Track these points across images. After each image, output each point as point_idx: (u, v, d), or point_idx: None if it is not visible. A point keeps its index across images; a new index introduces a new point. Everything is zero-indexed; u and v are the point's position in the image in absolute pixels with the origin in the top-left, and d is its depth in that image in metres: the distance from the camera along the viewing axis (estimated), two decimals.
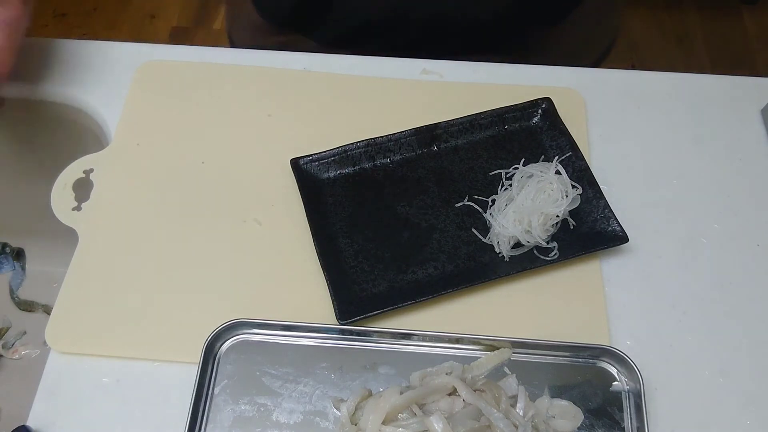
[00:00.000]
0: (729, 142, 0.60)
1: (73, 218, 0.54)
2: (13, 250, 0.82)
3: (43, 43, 0.65)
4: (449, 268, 0.51)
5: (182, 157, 0.57)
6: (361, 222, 0.54)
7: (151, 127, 0.59)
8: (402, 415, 0.43)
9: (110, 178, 0.56)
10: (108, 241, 0.53)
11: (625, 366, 0.47)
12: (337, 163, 0.56)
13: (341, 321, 0.48)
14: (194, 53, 0.64)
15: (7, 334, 0.77)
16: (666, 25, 1.99)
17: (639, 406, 0.45)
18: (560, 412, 0.46)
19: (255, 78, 0.62)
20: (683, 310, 0.51)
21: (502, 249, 0.51)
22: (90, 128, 0.63)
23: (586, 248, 0.52)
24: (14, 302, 0.79)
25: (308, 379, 0.47)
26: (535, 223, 0.50)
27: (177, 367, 0.48)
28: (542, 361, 0.48)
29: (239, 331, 0.48)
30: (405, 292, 0.50)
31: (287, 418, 0.46)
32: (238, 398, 0.46)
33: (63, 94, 0.62)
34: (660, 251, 0.54)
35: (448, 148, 0.57)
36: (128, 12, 1.86)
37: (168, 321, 0.49)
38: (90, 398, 0.47)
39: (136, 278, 0.51)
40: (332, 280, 0.49)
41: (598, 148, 0.59)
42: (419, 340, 0.48)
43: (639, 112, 0.61)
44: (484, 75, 0.63)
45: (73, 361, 0.48)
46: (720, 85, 0.64)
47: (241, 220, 0.54)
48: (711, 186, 0.57)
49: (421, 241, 0.53)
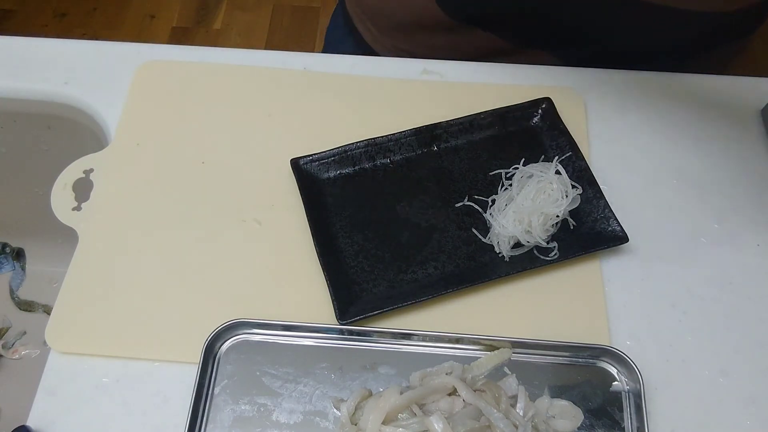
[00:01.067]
0: (729, 142, 0.60)
1: (73, 218, 0.54)
2: (13, 250, 0.82)
3: (43, 43, 0.65)
4: (449, 268, 0.51)
5: (182, 157, 0.57)
6: (361, 222, 0.54)
7: (151, 127, 0.59)
8: (402, 415, 0.43)
9: (110, 178, 0.56)
10: (108, 241, 0.53)
11: (625, 366, 0.47)
12: (337, 163, 0.56)
13: (341, 321, 0.48)
14: (194, 53, 0.64)
15: (7, 334, 0.77)
16: None
17: (639, 406, 0.45)
18: (560, 412, 0.46)
19: (255, 78, 0.62)
20: (683, 310, 0.51)
21: (502, 249, 0.51)
22: (90, 128, 0.63)
23: (586, 248, 0.52)
24: (14, 302, 0.79)
25: (308, 379, 0.47)
26: (535, 223, 0.50)
27: (177, 367, 0.48)
28: (542, 361, 0.48)
29: (239, 331, 0.48)
30: (405, 292, 0.50)
31: (287, 418, 0.46)
32: (238, 398, 0.46)
33: (63, 94, 0.62)
34: (660, 251, 0.54)
35: (448, 148, 0.57)
36: (128, 12, 1.86)
37: (168, 321, 0.49)
38: (90, 398, 0.47)
39: (136, 278, 0.51)
40: (332, 280, 0.49)
41: (598, 148, 0.59)
42: (419, 340, 0.48)
43: (639, 112, 0.61)
44: (484, 75, 0.63)
45: (73, 361, 0.48)
46: (720, 85, 0.64)
47: (241, 220, 0.54)
48: (711, 186, 0.57)
49: (421, 241, 0.53)
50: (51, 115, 0.64)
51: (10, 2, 1.89)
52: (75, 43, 0.65)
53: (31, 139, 0.68)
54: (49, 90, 0.62)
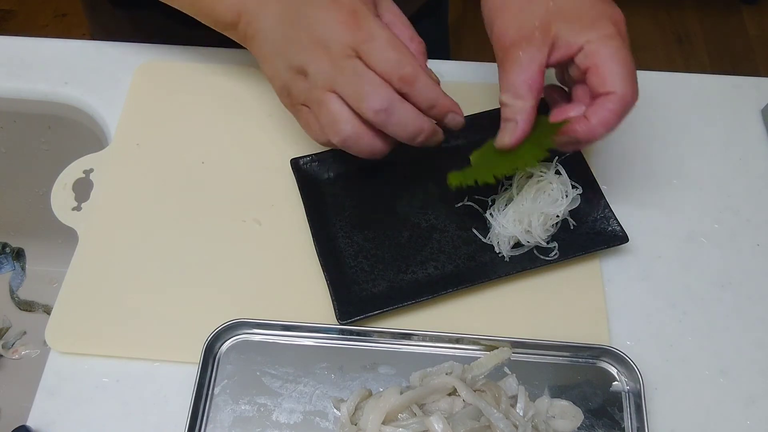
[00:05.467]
0: (729, 142, 0.60)
1: (73, 218, 0.54)
2: (13, 250, 0.82)
3: (43, 43, 0.65)
4: (449, 268, 0.51)
5: (182, 157, 0.57)
6: (361, 222, 0.54)
7: (151, 127, 0.59)
8: (402, 415, 0.43)
9: (110, 178, 0.56)
10: (108, 241, 0.53)
11: (625, 366, 0.47)
12: (337, 163, 0.56)
13: (341, 321, 0.48)
14: (194, 53, 0.64)
15: (7, 334, 0.77)
16: (666, 25, 1.99)
17: (639, 406, 0.45)
18: (560, 412, 0.46)
19: (255, 78, 0.62)
20: (683, 310, 0.51)
21: (502, 249, 0.51)
22: (90, 128, 0.63)
23: (586, 248, 0.51)
24: (14, 302, 0.79)
25: (308, 379, 0.47)
26: (535, 223, 0.50)
27: (177, 367, 0.48)
28: (542, 361, 0.48)
29: (239, 331, 0.48)
30: (405, 292, 0.50)
31: (287, 418, 0.46)
32: (238, 398, 0.46)
33: (63, 94, 0.62)
34: (660, 251, 0.54)
35: (449, 148, 0.57)
36: None
37: (168, 321, 0.49)
38: (90, 398, 0.47)
39: (136, 278, 0.51)
40: (332, 280, 0.49)
41: (598, 148, 0.59)
42: (419, 340, 0.48)
43: (639, 112, 0.61)
44: (484, 75, 0.63)
45: (73, 361, 0.48)
46: (720, 85, 0.64)
47: (241, 220, 0.54)
48: (711, 186, 0.57)
49: (421, 241, 0.53)
50: (51, 115, 0.64)
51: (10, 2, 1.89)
52: (75, 43, 0.65)
53: (31, 139, 0.68)
54: (49, 90, 0.62)
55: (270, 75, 0.49)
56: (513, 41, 0.46)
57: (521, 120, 0.46)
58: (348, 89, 0.45)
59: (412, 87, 0.45)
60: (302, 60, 0.46)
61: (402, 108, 0.45)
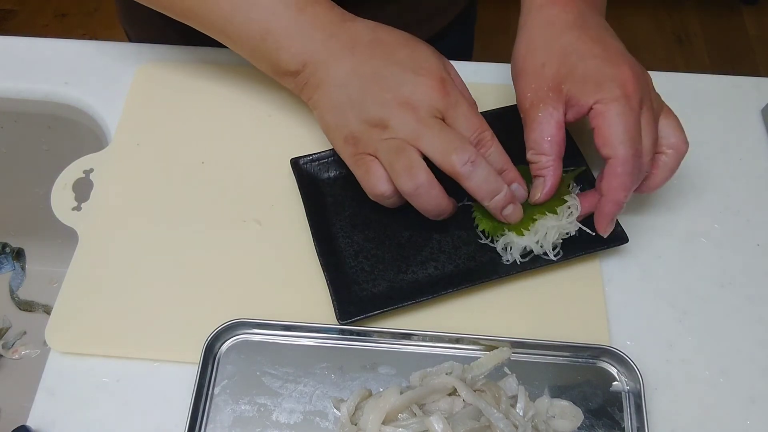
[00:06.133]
0: (729, 142, 0.60)
1: (73, 218, 0.54)
2: (13, 250, 0.82)
3: (43, 43, 0.65)
4: (449, 268, 0.51)
5: (182, 157, 0.57)
6: (361, 222, 0.54)
7: (151, 127, 0.59)
8: (402, 415, 0.43)
9: (110, 178, 0.56)
10: (108, 241, 0.53)
11: (625, 366, 0.47)
12: (337, 163, 0.56)
13: (341, 321, 0.48)
14: (194, 53, 0.64)
15: (7, 334, 0.77)
16: (666, 25, 1.99)
17: (639, 406, 0.45)
18: (560, 412, 0.46)
19: (255, 78, 0.62)
20: (683, 310, 0.51)
21: (514, 257, 0.51)
22: (90, 128, 0.63)
23: (586, 248, 0.51)
24: (14, 302, 0.79)
25: (308, 379, 0.47)
26: (550, 236, 0.50)
27: (177, 367, 0.48)
28: (542, 361, 0.48)
29: (239, 331, 0.48)
30: (405, 292, 0.50)
31: (287, 418, 0.46)
32: (238, 398, 0.46)
33: (63, 94, 0.62)
34: (660, 251, 0.54)
35: None
36: None
37: (168, 321, 0.49)
38: (90, 398, 0.47)
39: (136, 278, 0.51)
40: (332, 280, 0.49)
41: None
42: (419, 340, 0.48)
43: None
44: (483, 75, 0.63)
45: (73, 361, 0.48)
46: (720, 85, 0.64)
47: (241, 220, 0.54)
48: (711, 186, 0.57)
49: (421, 241, 0.53)
50: (51, 115, 0.64)
51: (10, 2, 1.89)
52: (75, 43, 0.65)
53: (31, 139, 0.68)
54: (49, 90, 0.62)
55: (334, 123, 0.50)
56: (531, 103, 0.49)
57: (548, 176, 0.49)
58: (435, 142, 0.47)
59: (488, 150, 0.49)
60: (384, 114, 0.48)
61: (486, 165, 0.47)
